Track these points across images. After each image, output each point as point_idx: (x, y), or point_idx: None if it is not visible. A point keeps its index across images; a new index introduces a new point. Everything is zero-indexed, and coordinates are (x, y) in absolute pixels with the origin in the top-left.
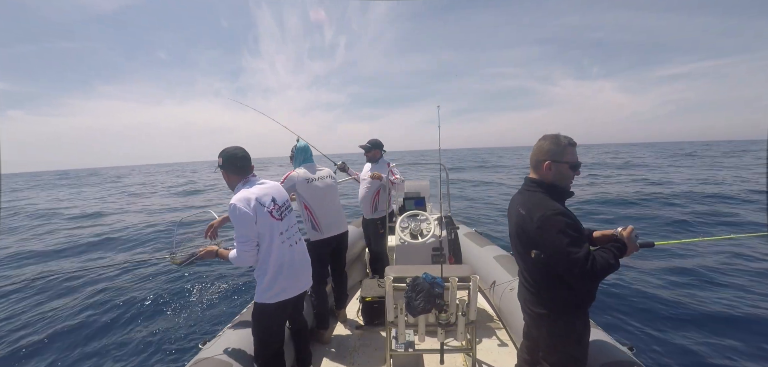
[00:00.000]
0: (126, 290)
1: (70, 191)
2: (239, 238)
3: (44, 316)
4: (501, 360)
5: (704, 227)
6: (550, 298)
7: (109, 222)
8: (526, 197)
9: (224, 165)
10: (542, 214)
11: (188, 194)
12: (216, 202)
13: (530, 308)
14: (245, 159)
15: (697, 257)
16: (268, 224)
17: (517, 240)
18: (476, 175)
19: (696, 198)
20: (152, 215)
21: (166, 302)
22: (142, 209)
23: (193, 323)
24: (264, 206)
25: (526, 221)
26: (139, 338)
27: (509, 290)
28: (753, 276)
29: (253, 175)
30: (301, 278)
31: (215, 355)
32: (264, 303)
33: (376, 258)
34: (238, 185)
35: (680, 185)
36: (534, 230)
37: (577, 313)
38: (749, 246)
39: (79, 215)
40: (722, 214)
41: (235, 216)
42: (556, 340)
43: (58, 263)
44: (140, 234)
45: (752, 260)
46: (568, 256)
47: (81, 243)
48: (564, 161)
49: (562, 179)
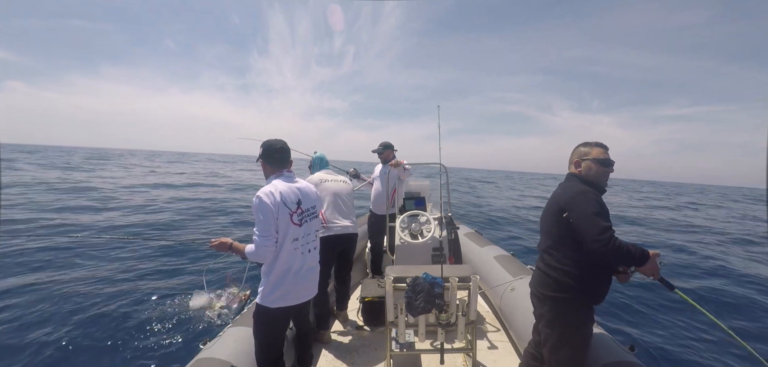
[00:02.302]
0: (126, 286)
1: (119, 169)
2: (260, 231)
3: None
4: (501, 360)
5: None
6: (562, 281)
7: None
8: (565, 184)
9: (263, 155)
10: (577, 190)
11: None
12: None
13: (539, 290)
14: (283, 151)
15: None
16: (285, 226)
17: (546, 217)
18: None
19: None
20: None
21: (167, 300)
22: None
23: (193, 323)
24: (287, 206)
25: (560, 196)
26: (139, 338)
27: (510, 290)
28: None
29: (289, 170)
30: (306, 286)
31: (215, 355)
32: (265, 306)
33: (381, 256)
34: (272, 176)
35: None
36: (566, 199)
37: (582, 301)
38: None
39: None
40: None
41: (258, 208)
42: (556, 321)
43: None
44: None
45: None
46: (594, 219)
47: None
48: (591, 158)
49: (593, 175)
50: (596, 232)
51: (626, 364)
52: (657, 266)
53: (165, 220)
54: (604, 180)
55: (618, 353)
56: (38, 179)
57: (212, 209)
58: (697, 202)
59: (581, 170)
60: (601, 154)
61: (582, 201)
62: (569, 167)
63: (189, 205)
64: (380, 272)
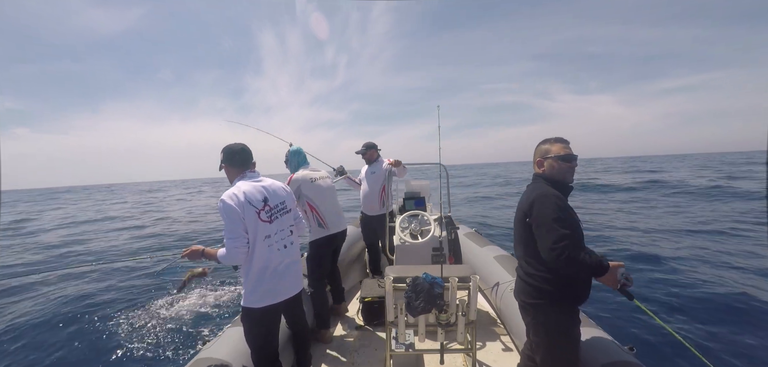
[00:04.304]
0: (126, 289)
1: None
2: (228, 234)
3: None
4: (501, 361)
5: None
6: (539, 287)
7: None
8: (530, 186)
9: (224, 159)
10: (539, 192)
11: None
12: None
13: (521, 298)
14: (243, 152)
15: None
16: (254, 225)
17: (515, 223)
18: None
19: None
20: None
21: (167, 302)
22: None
23: (193, 324)
24: (252, 205)
25: (524, 201)
26: (139, 338)
27: (509, 290)
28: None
29: (253, 171)
30: (288, 282)
31: (215, 355)
32: (249, 307)
33: (378, 256)
34: (236, 179)
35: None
36: (529, 204)
37: (563, 305)
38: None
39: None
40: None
41: (223, 211)
42: (541, 329)
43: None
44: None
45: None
46: (551, 226)
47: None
48: (552, 156)
49: (557, 173)
50: (551, 240)
51: (626, 364)
52: (616, 278)
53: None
54: (570, 176)
55: (618, 353)
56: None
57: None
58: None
59: (544, 169)
60: (562, 150)
61: (541, 206)
62: (534, 167)
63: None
64: (379, 272)
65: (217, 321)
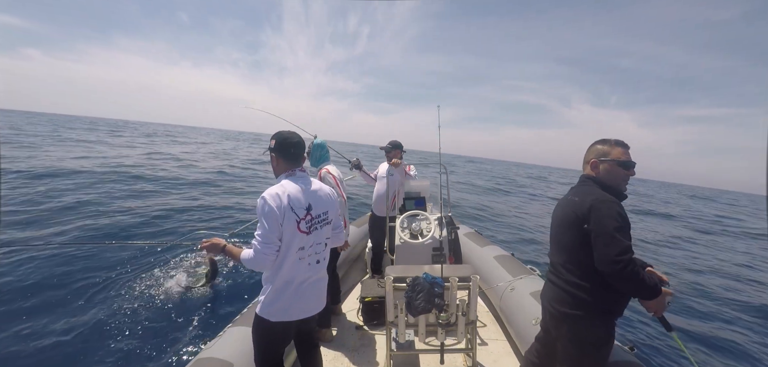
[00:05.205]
0: (126, 285)
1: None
2: (262, 237)
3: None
4: (501, 360)
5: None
6: (579, 297)
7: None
8: (580, 188)
9: (276, 148)
10: (596, 198)
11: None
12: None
13: (554, 306)
14: (298, 147)
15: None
16: (290, 234)
17: (561, 228)
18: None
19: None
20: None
21: (167, 299)
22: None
23: (193, 323)
24: (294, 211)
25: (578, 205)
26: (139, 337)
27: (510, 290)
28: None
29: (302, 169)
30: (311, 300)
31: (216, 355)
32: (263, 318)
33: (381, 256)
34: (282, 176)
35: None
36: (586, 209)
37: (602, 318)
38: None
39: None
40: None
41: (261, 211)
42: (576, 340)
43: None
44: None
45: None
46: (614, 237)
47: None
48: (611, 159)
49: (613, 178)
50: (615, 252)
51: (626, 364)
52: (664, 304)
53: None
54: (624, 185)
55: (618, 353)
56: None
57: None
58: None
59: (599, 172)
60: (623, 155)
61: (602, 211)
62: (584, 168)
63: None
64: (380, 272)
65: (219, 321)
